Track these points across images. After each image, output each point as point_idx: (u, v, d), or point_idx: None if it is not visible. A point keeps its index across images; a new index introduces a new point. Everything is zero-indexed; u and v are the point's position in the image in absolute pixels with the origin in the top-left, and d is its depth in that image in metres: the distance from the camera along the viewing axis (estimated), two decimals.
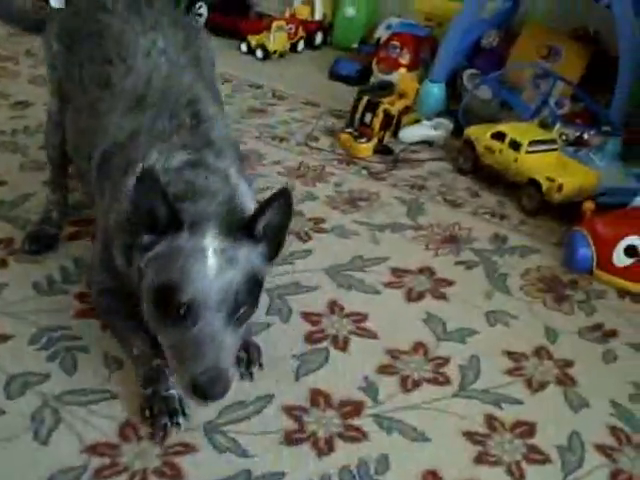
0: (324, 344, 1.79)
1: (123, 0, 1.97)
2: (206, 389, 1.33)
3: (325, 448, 1.50)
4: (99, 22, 1.93)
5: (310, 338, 1.81)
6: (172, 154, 1.59)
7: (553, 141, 2.68)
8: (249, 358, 1.66)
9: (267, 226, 1.48)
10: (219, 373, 1.34)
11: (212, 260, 1.39)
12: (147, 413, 1.51)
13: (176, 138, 1.65)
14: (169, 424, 1.49)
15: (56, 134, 2.06)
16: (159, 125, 1.67)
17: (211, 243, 1.41)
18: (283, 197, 1.47)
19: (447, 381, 1.72)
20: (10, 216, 2.13)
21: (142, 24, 1.91)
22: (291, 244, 2.16)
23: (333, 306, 1.93)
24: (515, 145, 2.59)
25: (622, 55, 2.80)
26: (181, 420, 1.50)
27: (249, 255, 1.45)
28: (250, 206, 1.60)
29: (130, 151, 1.63)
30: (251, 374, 1.65)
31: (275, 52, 3.87)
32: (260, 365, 1.67)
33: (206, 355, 1.34)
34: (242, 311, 1.41)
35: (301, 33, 4.03)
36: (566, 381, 1.76)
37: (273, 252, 1.52)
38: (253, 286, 1.45)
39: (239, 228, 1.46)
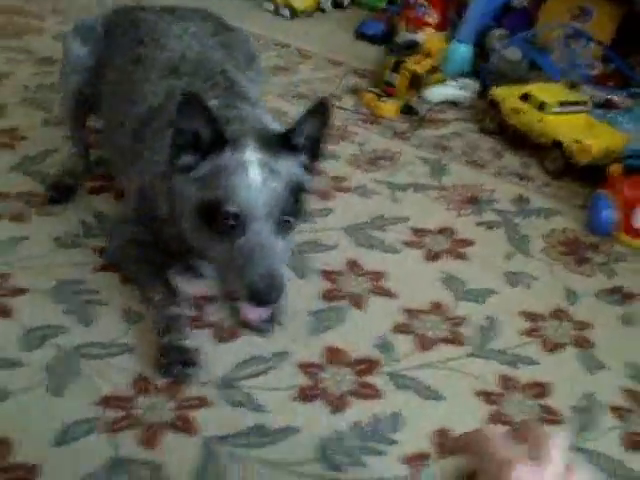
0: (341, 302, 1.79)
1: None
2: (263, 293, 1.37)
3: (339, 404, 1.50)
4: (135, 15, 2.10)
5: (328, 296, 1.81)
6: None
7: (581, 102, 2.63)
8: (272, 313, 1.65)
9: (306, 137, 1.52)
10: (273, 277, 1.38)
11: (256, 172, 1.43)
12: (162, 361, 1.53)
13: (211, 94, 1.69)
14: (182, 374, 1.51)
15: (73, 80, 2.10)
16: (194, 86, 1.73)
17: (253, 156, 1.45)
18: (322, 107, 1.50)
19: (464, 341, 1.71)
20: (32, 171, 2.14)
21: (174, 16, 2.08)
22: (312, 202, 2.14)
23: (352, 265, 1.93)
24: (541, 106, 2.54)
25: None
26: (192, 371, 1.52)
27: (290, 166, 1.50)
28: (280, 128, 1.65)
29: (168, 110, 1.66)
30: (269, 331, 1.65)
31: (302, 11, 3.82)
32: (280, 324, 1.68)
33: (259, 262, 1.38)
34: (289, 220, 1.46)
35: None
36: (583, 343, 1.75)
37: (313, 161, 1.57)
38: (297, 195, 1.49)
39: (277, 142, 1.51)
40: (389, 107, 2.80)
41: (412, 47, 3.14)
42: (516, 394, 1.58)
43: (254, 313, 1.50)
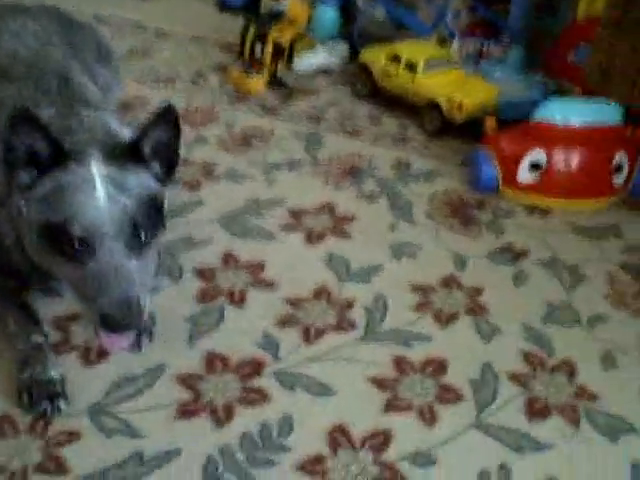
0: (219, 301, 1.67)
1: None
2: (117, 320, 1.25)
3: (223, 416, 1.39)
4: None
5: (203, 296, 1.68)
6: (39, 112, 1.44)
7: (451, 60, 2.57)
8: (143, 325, 1.51)
9: (156, 146, 1.39)
10: (127, 300, 1.25)
11: (101, 189, 1.30)
12: (25, 399, 1.38)
13: (45, 100, 1.57)
14: (49, 409, 1.36)
15: None
16: (24, 93, 1.59)
17: (98, 171, 1.32)
18: (167, 113, 1.38)
19: (352, 326, 1.62)
20: None
21: (13, 11, 1.92)
22: (179, 194, 2.00)
23: (228, 258, 1.80)
24: (411, 66, 2.46)
25: None
26: (63, 404, 1.37)
27: (140, 179, 1.36)
28: (129, 135, 1.50)
29: None
30: (139, 345, 1.51)
31: None
32: (151, 334, 1.54)
33: (112, 286, 1.26)
34: (143, 236, 1.32)
35: None
36: (476, 309, 1.69)
37: (167, 172, 1.44)
38: (150, 209, 1.35)
39: (124, 153, 1.37)
40: (256, 82, 2.66)
41: (277, 16, 3.00)
42: (411, 376, 1.50)
43: (111, 342, 1.35)
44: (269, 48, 2.73)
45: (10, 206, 1.41)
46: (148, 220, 1.34)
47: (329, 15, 3.03)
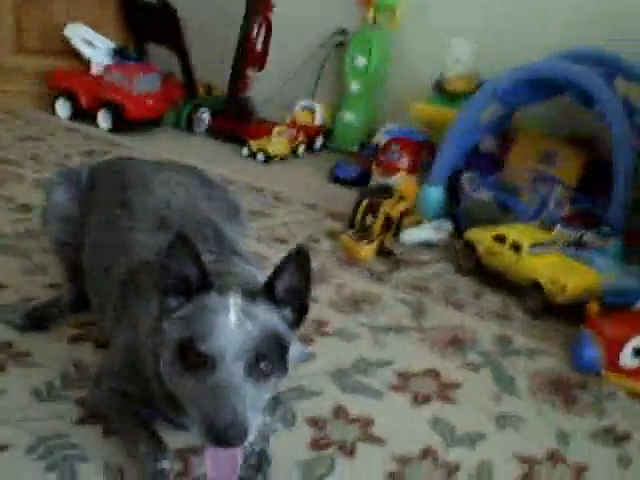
0: (330, 450, 1.74)
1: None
2: (221, 433, 1.31)
3: None
4: (121, 164, 2.21)
5: (316, 444, 1.76)
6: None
7: (554, 242, 2.70)
8: (258, 465, 1.61)
9: (288, 290, 1.50)
10: (235, 417, 1.32)
11: (233, 315, 1.42)
12: None
13: (202, 247, 1.69)
14: None
15: (54, 228, 2.13)
16: None
17: (233, 302, 1.44)
18: (299, 255, 1.48)
19: None
20: (10, 320, 2.09)
21: (159, 166, 2.20)
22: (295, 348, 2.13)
23: (338, 411, 1.89)
24: (516, 247, 2.60)
25: (616, 161, 2.85)
26: None
27: (269, 314, 1.48)
28: None
29: None
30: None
31: (276, 156, 3.94)
32: (265, 476, 1.61)
33: (223, 401, 1.34)
34: (263, 366, 1.41)
35: (302, 137, 4.12)
36: None
37: (297, 317, 1.54)
38: (275, 344, 1.45)
39: (261, 290, 1.50)
40: (365, 250, 2.84)
41: (386, 190, 3.23)
42: None
43: (213, 458, 1.42)
44: (380, 219, 2.93)
45: (157, 341, 1.55)
46: (270, 353, 1.43)
47: (435, 194, 3.23)
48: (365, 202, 2.99)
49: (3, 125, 4.03)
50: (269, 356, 1.43)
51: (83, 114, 4.21)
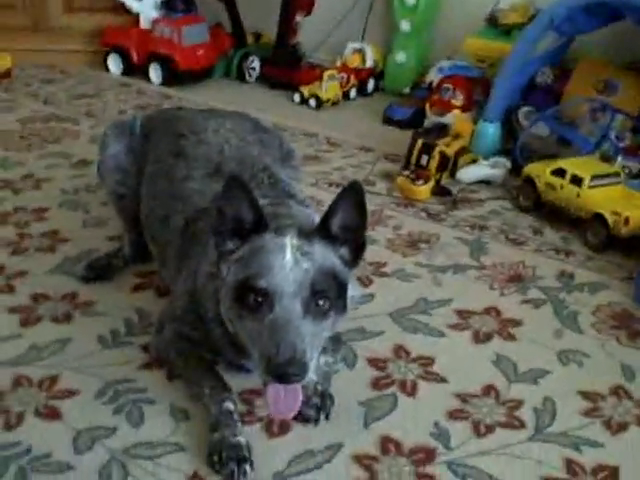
0: (391, 390, 1.75)
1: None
2: (281, 369, 1.34)
3: None
4: (173, 113, 2.25)
5: (377, 384, 1.77)
6: None
7: (616, 174, 2.62)
8: (322, 404, 1.63)
9: (343, 227, 1.51)
10: (294, 353, 1.35)
11: (289, 254, 1.44)
12: (215, 458, 1.49)
13: (258, 192, 1.70)
14: (236, 472, 1.46)
15: (110, 180, 2.17)
16: None
17: (289, 242, 1.46)
18: (352, 191, 1.48)
19: (522, 425, 1.66)
20: (73, 271, 2.15)
21: (210, 114, 2.21)
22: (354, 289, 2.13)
23: (399, 350, 1.89)
24: (577, 180, 2.54)
25: None
26: (248, 468, 1.47)
27: (325, 253, 1.49)
28: None
29: None
30: (316, 421, 1.62)
31: (328, 100, 3.90)
32: (327, 416, 1.63)
33: (282, 338, 1.36)
34: (321, 303, 1.43)
35: (353, 81, 4.06)
36: None
37: (354, 255, 1.55)
38: (332, 282, 1.47)
39: (317, 229, 1.51)
40: (422, 190, 2.81)
41: (441, 129, 3.18)
42: (583, 479, 1.51)
43: (278, 408, 1.44)
44: (436, 159, 2.88)
45: (217, 284, 1.57)
46: (327, 290, 1.45)
47: (491, 131, 3.16)
48: (420, 142, 2.94)
49: (58, 84, 4.07)
50: (327, 293, 1.44)
51: (135, 69, 4.23)
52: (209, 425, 1.56)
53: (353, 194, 1.48)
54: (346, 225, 1.51)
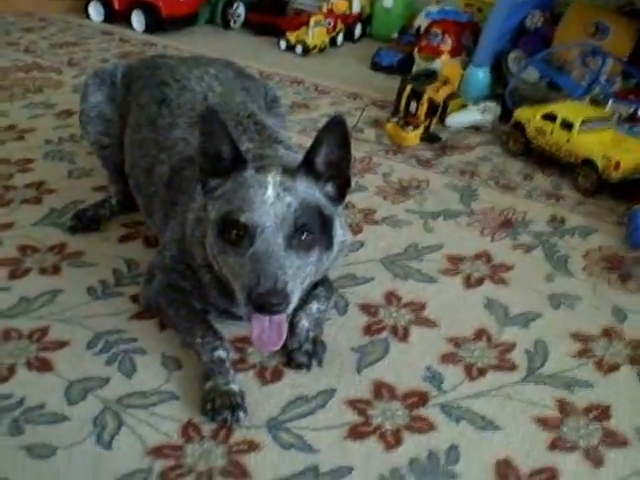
0: (383, 335, 1.75)
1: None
2: (263, 298, 1.35)
3: (392, 441, 1.45)
4: (156, 61, 2.15)
5: (369, 330, 1.77)
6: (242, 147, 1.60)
7: (606, 118, 2.60)
8: (314, 350, 1.63)
9: (327, 163, 1.50)
10: (276, 284, 1.36)
11: (271, 189, 1.44)
12: (208, 406, 1.49)
13: (244, 138, 1.71)
14: (230, 418, 1.47)
15: (92, 130, 2.13)
16: None
17: (272, 179, 1.46)
18: (336, 126, 1.46)
19: (514, 367, 1.66)
20: (60, 222, 2.13)
21: (193, 61, 2.14)
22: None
23: (390, 296, 1.89)
24: (567, 125, 2.51)
25: None
26: (242, 415, 1.48)
27: (309, 188, 1.49)
28: None
29: None
30: (308, 367, 1.62)
31: (315, 47, 3.84)
32: (319, 362, 1.64)
33: (263, 269, 1.37)
34: (304, 237, 1.43)
35: (340, 26, 3.99)
36: (639, 361, 1.69)
37: (340, 191, 1.54)
38: (316, 217, 1.47)
39: (300, 166, 1.50)
40: (411, 136, 2.78)
41: (429, 75, 3.13)
42: (575, 418, 1.52)
43: (261, 339, 1.45)
44: (424, 105, 2.85)
45: (202, 223, 1.57)
46: (311, 224, 1.45)
47: (481, 76, 3.13)
48: (409, 88, 2.90)
49: (38, 32, 3.99)
50: (310, 228, 1.44)
51: (117, 16, 4.14)
52: (201, 374, 1.56)
53: (336, 129, 1.46)
54: (330, 161, 1.50)
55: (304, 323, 1.65)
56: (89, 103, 2.12)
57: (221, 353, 1.58)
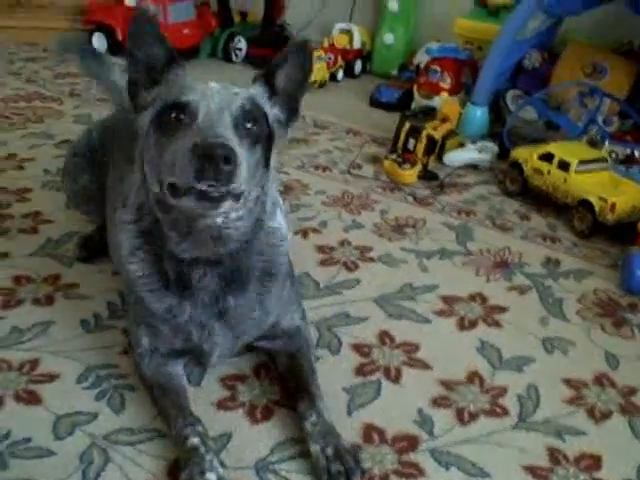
0: (376, 376, 1.74)
1: None
2: (208, 149, 1.22)
3: None
4: (128, 117, 1.90)
5: (361, 370, 1.76)
6: None
7: (603, 160, 2.61)
8: (346, 469, 1.43)
9: (284, 88, 1.44)
10: (223, 141, 1.24)
11: (215, 83, 1.37)
12: None
13: None
14: None
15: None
16: None
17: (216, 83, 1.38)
18: (302, 50, 1.42)
19: (505, 412, 1.65)
20: (56, 254, 2.13)
21: None
22: (338, 273, 2.12)
23: (384, 336, 1.88)
24: (564, 165, 2.53)
25: None
26: None
27: (261, 96, 1.41)
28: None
29: None
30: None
31: (315, 82, 3.86)
32: (363, 472, 1.45)
33: (208, 128, 1.27)
34: (250, 126, 1.33)
35: (340, 62, 4.03)
36: (631, 410, 1.68)
37: (287, 117, 1.47)
38: (262, 118, 1.38)
39: (258, 76, 1.44)
40: (409, 174, 2.79)
41: (428, 112, 3.16)
42: (566, 467, 1.50)
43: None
44: (423, 142, 2.86)
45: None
46: (257, 118, 1.35)
47: (479, 114, 3.15)
48: (407, 125, 2.92)
49: (41, 62, 4.02)
50: (256, 119, 1.36)
51: (120, 47, 4.17)
52: (179, 462, 1.44)
53: (302, 52, 1.42)
54: (289, 82, 1.43)
55: (315, 448, 1.47)
56: (78, 185, 2.10)
57: (193, 440, 1.45)
